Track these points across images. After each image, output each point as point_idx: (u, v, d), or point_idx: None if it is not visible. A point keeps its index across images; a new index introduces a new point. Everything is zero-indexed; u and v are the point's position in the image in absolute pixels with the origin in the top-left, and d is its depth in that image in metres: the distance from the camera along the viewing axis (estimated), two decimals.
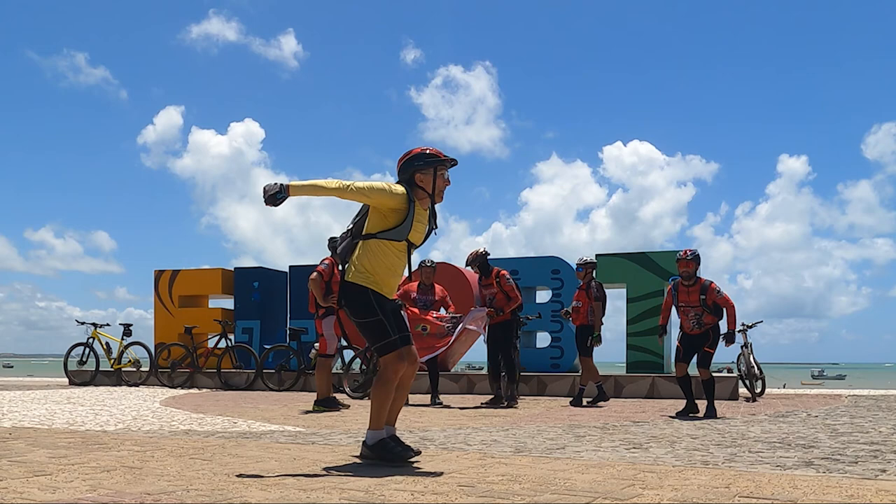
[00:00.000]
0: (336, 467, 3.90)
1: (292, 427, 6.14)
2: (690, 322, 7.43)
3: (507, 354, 8.76)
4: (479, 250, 8.81)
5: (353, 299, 4.07)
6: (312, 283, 8.04)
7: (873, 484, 3.35)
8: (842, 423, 6.38)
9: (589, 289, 9.02)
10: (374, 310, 4.03)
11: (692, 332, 7.45)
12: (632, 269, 11.38)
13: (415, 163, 4.13)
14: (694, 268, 7.48)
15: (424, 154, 4.15)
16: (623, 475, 3.58)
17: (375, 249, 4.06)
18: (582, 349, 9.03)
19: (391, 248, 4.07)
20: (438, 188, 4.16)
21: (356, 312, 4.07)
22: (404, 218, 4.03)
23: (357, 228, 4.17)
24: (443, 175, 4.18)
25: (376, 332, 4.04)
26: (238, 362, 12.65)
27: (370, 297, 4.04)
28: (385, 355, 4.04)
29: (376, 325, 4.03)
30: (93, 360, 13.26)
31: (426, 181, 4.14)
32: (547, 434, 5.56)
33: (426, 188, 4.14)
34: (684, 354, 7.49)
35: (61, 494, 3.12)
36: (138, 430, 5.80)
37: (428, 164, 4.13)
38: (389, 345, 4.03)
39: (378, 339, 4.04)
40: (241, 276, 13.59)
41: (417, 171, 4.13)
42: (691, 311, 7.41)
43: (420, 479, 3.47)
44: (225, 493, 3.15)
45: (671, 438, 5.27)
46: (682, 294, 7.48)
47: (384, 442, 4.05)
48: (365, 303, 4.04)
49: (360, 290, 4.05)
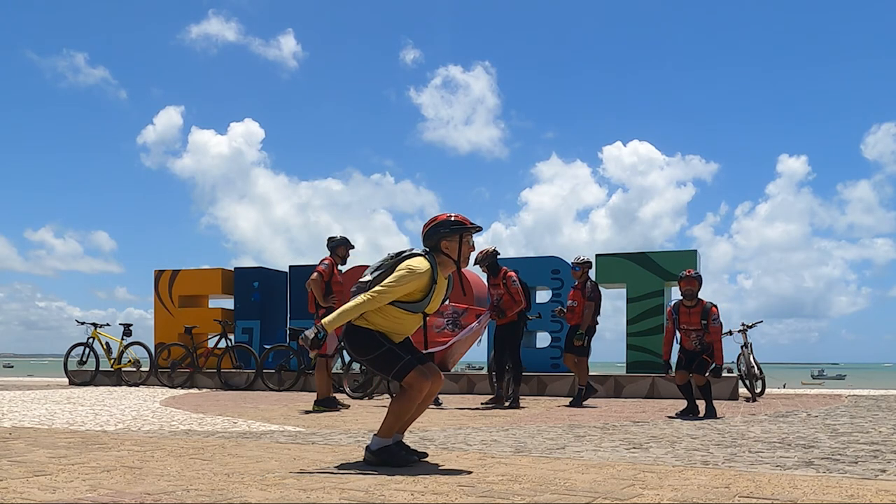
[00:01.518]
0: (336, 467, 3.90)
1: (292, 427, 6.15)
2: (692, 342, 7.46)
3: (515, 355, 8.75)
4: (489, 249, 8.75)
5: (356, 340, 4.04)
6: (312, 284, 8.04)
7: (873, 484, 3.35)
8: (842, 423, 6.38)
9: (584, 288, 9.01)
10: (379, 343, 4.01)
11: (694, 349, 7.48)
12: (632, 269, 11.38)
13: (440, 230, 4.12)
14: (697, 287, 7.47)
15: (450, 221, 4.14)
16: (623, 475, 3.58)
17: (391, 314, 4.04)
18: (577, 349, 9.02)
19: (408, 316, 4.07)
20: (464, 255, 4.16)
21: (362, 351, 4.05)
22: (427, 293, 4.04)
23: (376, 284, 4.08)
24: (468, 242, 4.18)
25: (388, 361, 4.01)
26: (238, 362, 12.65)
27: (374, 334, 4.02)
28: (406, 377, 3.99)
29: (386, 355, 4.01)
30: (93, 360, 13.26)
31: (452, 248, 4.13)
32: (547, 434, 5.56)
33: (452, 255, 4.13)
34: (686, 363, 7.49)
35: (61, 494, 3.13)
36: (138, 430, 5.80)
37: (454, 232, 4.12)
38: (405, 366, 3.99)
39: (392, 367, 4.00)
40: (241, 276, 13.59)
41: (443, 239, 4.12)
42: (693, 333, 7.43)
43: (420, 479, 3.48)
44: (225, 493, 3.15)
45: (671, 438, 5.27)
46: (683, 315, 7.48)
47: (389, 448, 4.03)
48: (369, 339, 4.02)
49: (365, 331, 4.03)
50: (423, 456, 4.11)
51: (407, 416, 4.10)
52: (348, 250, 8.39)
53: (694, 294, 7.46)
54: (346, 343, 4.10)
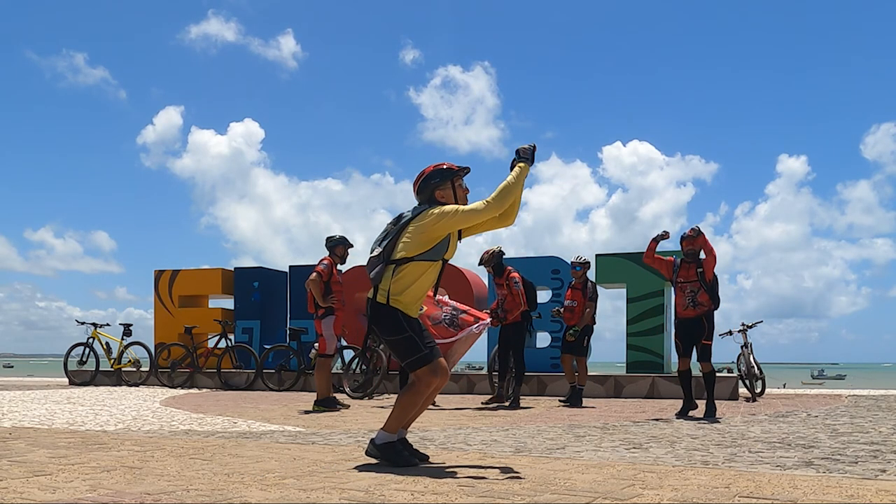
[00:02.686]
0: (336, 467, 3.90)
1: (292, 427, 6.14)
2: (686, 300, 7.38)
3: (519, 355, 8.75)
4: (494, 249, 8.75)
5: (382, 319, 4.06)
6: (311, 284, 8.03)
7: (873, 484, 3.35)
8: (842, 423, 6.38)
9: (585, 288, 9.01)
10: (402, 328, 4.03)
11: (685, 312, 7.39)
12: (632, 269, 11.38)
13: (431, 181, 4.15)
14: (699, 245, 7.47)
15: (440, 170, 4.17)
16: (623, 475, 3.58)
17: (412, 271, 4.04)
18: (577, 349, 9.01)
19: (427, 268, 4.07)
20: (460, 199, 4.19)
21: (385, 331, 4.07)
22: (446, 237, 4.06)
23: (388, 252, 4.10)
24: (460, 185, 4.21)
25: (407, 348, 4.03)
26: (238, 362, 12.65)
27: (399, 316, 4.04)
28: (418, 370, 4.03)
29: (406, 342, 4.03)
30: (93, 360, 13.26)
31: (447, 195, 4.16)
32: (547, 434, 5.56)
33: (449, 202, 4.16)
34: (684, 349, 7.48)
35: (61, 494, 3.12)
36: (138, 430, 5.80)
37: (444, 179, 4.16)
38: (421, 359, 4.02)
39: (409, 355, 4.03)
40: (241, 276, 13.59)
41: (436, 189, 4.15)
42: (688, 287, 7.38)
43: (420, 479, 3.48)
44: (225, 493, 3.15)
45: (671, 438, 5.27)
46: (682, 270, 7.48)
47: (393, 445, 4.04)
48: (394, 321, 4.03)
49: (389, 310, 4.04)
50: (425, 459, 4.11)
51: (413, 410, 4.11)
52: (347, 250, 8.39)
53: (696, 253, 7.46)
54: (372, 320, 4.11)
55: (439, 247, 4.06)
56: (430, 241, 4.03)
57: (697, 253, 7.45)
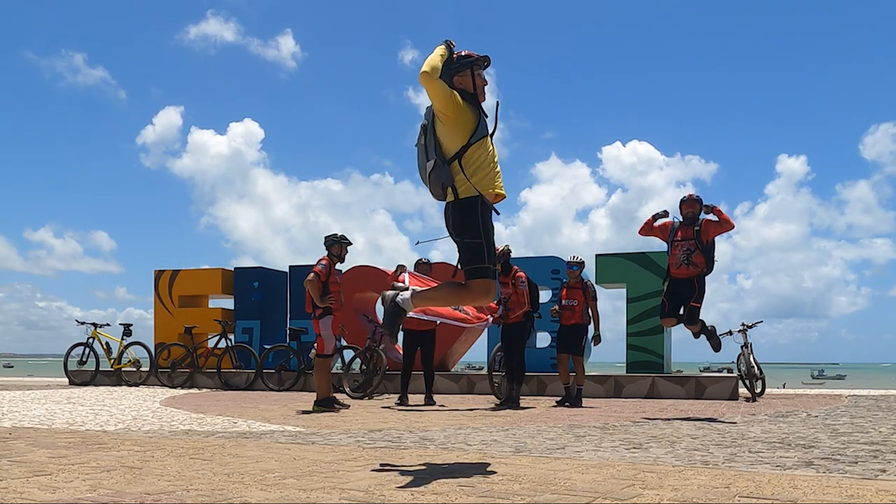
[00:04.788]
0: (336, 467, 3.90)
1: (292, 427, 6.14)
2: (680, 257, 7.36)
3: (520, 355, 8.75)
4: (501, 248, 8.76)
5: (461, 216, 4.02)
6: (309, 284, 8.03)
7: (873, 484, 3.35)
8: (842, 423, 6.38)
9: (586, 288, 9.01)
10: (478, 233, 4.00)
11: (678, 270, 7.36)
12: (632, 269, 11.38)
13: (451, 66, 4.09)
14: (698, 209, 7.46)
15: (460, 56, 4.13)
16: (623, 475, 3.58)
17: (475, 154, 4.01)
18: (577, 349, 9.00)
19: (485, 146, 4.04)
20: (479, 87, 4.14)
21: (462, 230, 4.02)
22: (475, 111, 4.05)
23: (441, 153, 4.04)
24: (480, 74, 4.17)
25: (476, 254, 4.00)
26: (238, 362, 12.66)
27: (477, 210, 3.99)
28: (475, 279, 4.01)
29: (479, 248, 4.00)
30: (93, 360, 13.27)
31: (465, 82, 4.12)
32: (547, 434, 5.56)
33: (467, 89, 4.11)
34: (670, 309, 7.46)
35: (61, 494, 3.12)
36: (138, 430, 5.80)
37: (464, 66, 4.11)
38: (483, 270, 4.00)
39: (474, 261, 4.01)
40: (241, 276, 13.59)
41: (455, 74, 4.10)
42: (684, 245, 7.37)
43: (420, 479, 3.47)
44: (225, 493, 3.15)
45: (671, 438, 5.27)
46: (680, 230, 7.49)
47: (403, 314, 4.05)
48: (473, 218, 3.99)
49: (468, 203, 4.00)
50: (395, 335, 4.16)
51: (444, 305, 4.14)
52: (346, 249, 8.37)
53: (695, 217, 7.46)
54: (451, 218, 4.06)
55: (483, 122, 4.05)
56: (461, 121, 3.99)
57: (696, 217, 7.46)
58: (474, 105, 4.10)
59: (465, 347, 12.18)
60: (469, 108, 4.05)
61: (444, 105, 3.98)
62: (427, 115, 4.14)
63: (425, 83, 3.95)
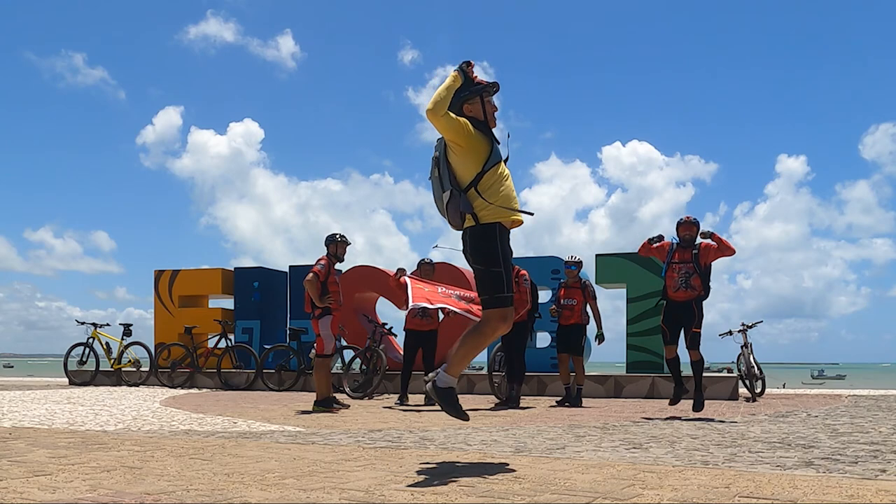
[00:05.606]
0: (336, 467, 3.90)
1: (292, 427, 6.14)
2: (678, 280, 7.36)
3: (520, 355, 8.75)
4: None
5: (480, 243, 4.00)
6: (308, 284, 8.02)
7: (873, 484, 3.35)
8: (842, 423, 6.38)
9: (585, 287, 9.02)
10: (497, 260, 3.98)
11: (676, 294, 7.37)
12: (632, 269, 11.38)
13: (461, 94, 4.08)
14: (696, 232, 7.48)
15: (469, 84, 4.11)
16: (623, 475, 3.57)
17: (493, 181, 4.00)
18: (577, 349, 9.00)
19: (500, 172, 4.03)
20: (489, 113, 4.14)
21: (482, 258, 4.01)
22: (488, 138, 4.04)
23: (457, 182, 4.03)
24: (490, 101, 4.16)
25: (494, 283, 3.98)
26: (238, 362, 12.66)
27: (496, 239, 3.98)
28: (491, 309, 3.99)
29: (497, 277, 3.98)
30: (93, 360, 13.27)
31: (475, 110, 4.11)
32: (547, 434, 5.56)
33: (478, 116, 4.11)
34: (671, 336, 7.47)
35: (61, 494, 3.12)
36: (138, 430, 5.80)
37: (474, 93, 4.10)
38: (501, 300, 3.98)
39: (492, 291, 3.99)
40: (241, 276, 13.59)
41: (465, 102, 4.09)
42: (682, 268, 7.36)
43: (420, 479, 3.47)
44: (225, 493, 3.15)
45: (671, 438, 5.27)
46: (678, 252, 7.48)
47: (453, 392, 4.00)
48: (493, 248, 3.98)
49: (486, 230, 3.98)
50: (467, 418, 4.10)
51: (476, 354, 4.07)
52: (345, 248, 8.36)
53: (693, 239, 7.47)
54: (469, 243, 4.04)
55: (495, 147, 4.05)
56: (474, 149, 3.99)
57: (694, 239, 7.46)
58: (486, 132, 4.09)
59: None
60: (481, 135, 4.04)
61: (455, 136, 3.97)
62: (439, 147, 4.12)
63: (431, 120, 3.94)
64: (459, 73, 4.06)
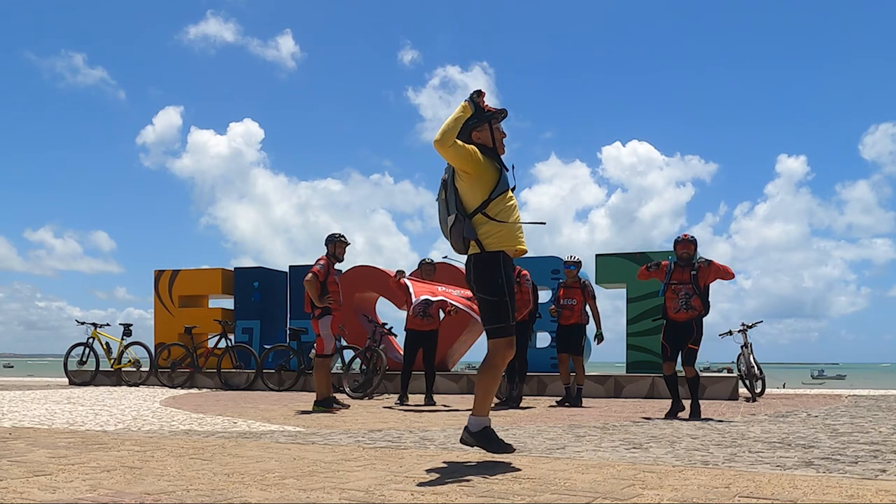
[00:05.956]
0: (336, 467, 3.90)
1: (292, 427, 6.14)
2: (679, 302, 7.35)
3: (522, 355, 8.75)
4: None
5: (484, 271, 4.01)
6: (308, 285, 8.01)
7: (873, 484, 3.35)
8: (842, 423, 6.38)
9: (584, 287, 9.03)
10: (501, 289, 4.00)
11: (677, 314, 7.37)
12: (632, 269, 11.36)
13: (469, 122, 4.10)
14: (693, 250, 7.47)
15: (478, 111, 4.14)
16: (623, 475, 3.57)
17: (499, 209, 4.01)
18: (577, 348, 9.00)
19: (506, 201, 4.04)
20: (498, 140, 4.16)
21: (485, 287, 4.02)
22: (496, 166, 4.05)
23: (462, 208, 4.03)
24: (499, 128, 4.19)
25: (498, 312, 4.00)
26: (238, 362, 12.66)
27: (500, 268, 3.99)
28: (497, 339, 4.00)
29: (501, 306, 3.99)
30: (93, 360, 13.27)
31: (484, 137, 4.14)
32: (547, 434, 5.56)
33: (486, 143, 4.13)
34: (671, 353, 7.46)
35: (61, 494, 3.12)
36: (138, 430, 5.80)
37: (482, 120, 4.13)
38: (505, 330, 4.00)
39: (497, 321, 4.00)
40: (241, 276, 13.59)
41: (473, 130, 4.11)
42: (682, 290, 7.35)
43: (420, 479, 3.47)
44: (225, 493, 3.15)
45: (671, 438, 5.27)
46: (676, 273, 7.46)
47: (490, 431, 4.00)
48: (496, 277, 3.99)
49: (490, 258, 3.99)
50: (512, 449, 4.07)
51: (496, 387, 4.08)
52: (344, 248, 8.35)
53: (691, 257, 7.46)
54: (473, 271, 4.05)
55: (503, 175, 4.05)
56: (482, 177, 3.99)
57: (692, 257, 7.45)
58: (495, 159, 4.09)
59: (465, 347, 12.18)
60: (489, 162, 4.05)
61: (463, 164, 3.98)
62: (448, 170, 4.13)
63: (439, 150, 3.96)
64: (469, 104, 4.07)
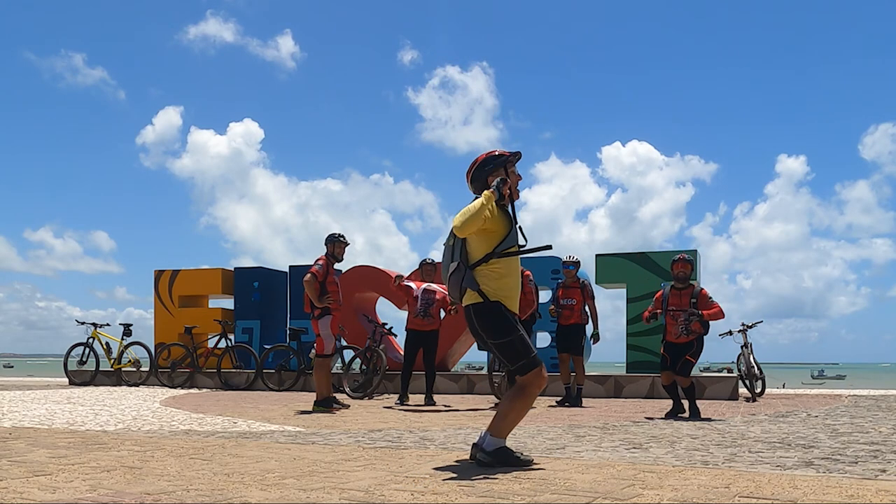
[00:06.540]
0: (336, 467, 3.90)
1: (292, 427, 6.14)
2: (679, 328, 7.36)
3: None
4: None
5: (488, 319, 3.98)
6: (307, 285, 8.01)
7: (873, 484, 3.35)
8: (842, 423, 6.38)
9: (584, 287, 9.03)
10: (511, 327, 3.96)
11: (678, 339, 7.39)
12: (632, 269, 11.38)
13: (485, 168, 4.13)
14: (691, 270, 7.48)
15: (493, 157, 4.15)
16: (623, 475, 3.58)
17: (501, 267, 4.00)
18: (577, 348, 9.00)
19: (511, 261, 4.03)
20: (513, 184, 4.16)
21: (492, 332, 3.98)
22: (508, 222, 4.03)
23: (465, 258, 4.03)
24: (514, 171, 4.19)
25: (518, 350, 3.95)
26: (238, 362, 12.65)
27: (504, 312, 3.97)
28: (528, 373, 3.95)
29: (518, 343, 3.95)
30: (93, 360, 13.26)
31: None
32: (547, 434, 5.56)
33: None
34: (671, 363, 7.46)
35: (61, 494, 3.12)
36: (138, 430, 5.80)
37: (498, 165, 4.13)
38: (531, 363, 3.94)
39: (519, 358, 3.95)
40: (241, 276, 13.59)
41: (490, 175, 4.12)
42: (681, 316, 7.35)
43: (420, 479, 3.47)
44: (225, 493, 3.15)
45: (671, 438, 5.27)
46: (673, 297, 7.45)
47: (505, 450, 3.94)
48: (501, 319, 3.96)
49: (494, 306, 3.97)
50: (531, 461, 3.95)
51: (524, 415, 4.04)
52: (343, 248, 8.34)
53: (687, 277, 7.46)
54: (476, 321, 4.02)
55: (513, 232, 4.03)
56: (490, 231, 3.98)
57: (689, 277, 7.46)
58: (507, 214, 4.08)
59: (465, 347, 12.18)
60: (501, 217, 4.04)
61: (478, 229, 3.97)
62: None
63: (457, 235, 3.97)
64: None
